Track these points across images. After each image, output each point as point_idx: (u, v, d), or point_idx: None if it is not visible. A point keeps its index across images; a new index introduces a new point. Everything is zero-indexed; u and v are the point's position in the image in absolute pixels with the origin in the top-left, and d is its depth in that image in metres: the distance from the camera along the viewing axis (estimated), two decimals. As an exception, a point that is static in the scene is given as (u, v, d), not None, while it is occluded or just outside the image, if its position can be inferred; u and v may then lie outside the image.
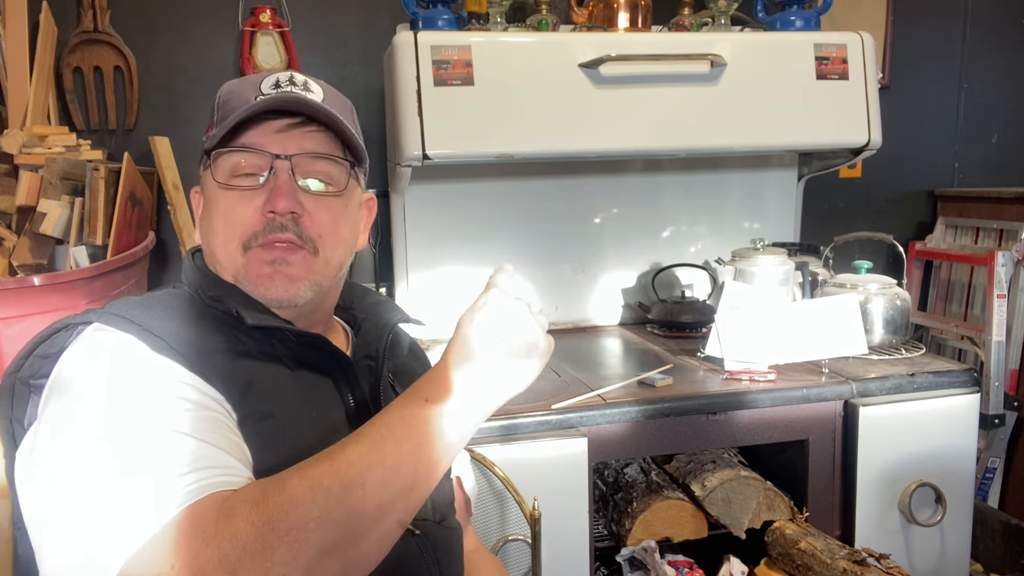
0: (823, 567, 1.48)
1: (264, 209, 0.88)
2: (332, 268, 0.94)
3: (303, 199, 0.90)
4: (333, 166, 0.93)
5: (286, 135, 0.90)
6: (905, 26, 2.73)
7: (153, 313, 0.84)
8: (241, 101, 0.90)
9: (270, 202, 0.88)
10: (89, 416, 0.72)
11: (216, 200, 0.91)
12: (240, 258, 0.89)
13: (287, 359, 0.89)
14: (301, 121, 0.91)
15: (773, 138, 2.04)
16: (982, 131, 2.88)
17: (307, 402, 0.88)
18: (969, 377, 1.78)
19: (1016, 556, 2.15)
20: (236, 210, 0.89)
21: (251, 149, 0.89)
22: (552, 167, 2.29)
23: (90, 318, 0.84)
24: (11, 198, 1.88)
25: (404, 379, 1.05)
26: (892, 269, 2.30)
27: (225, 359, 0.83)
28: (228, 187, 0.90)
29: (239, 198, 0.89)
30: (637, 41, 1.94)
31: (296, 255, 0.90)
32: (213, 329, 0.86)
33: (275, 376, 0.87)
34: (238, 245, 0.89)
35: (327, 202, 0.92)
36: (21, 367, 0.85)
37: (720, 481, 1.70)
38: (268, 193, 0.89)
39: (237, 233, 0.89)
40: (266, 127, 0.90)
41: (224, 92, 0.94)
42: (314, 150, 0.91)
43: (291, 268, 0.90)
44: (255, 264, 0.89)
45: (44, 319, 0.89)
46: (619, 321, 2.42)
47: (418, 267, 2.24)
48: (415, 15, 1.98)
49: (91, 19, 2.17)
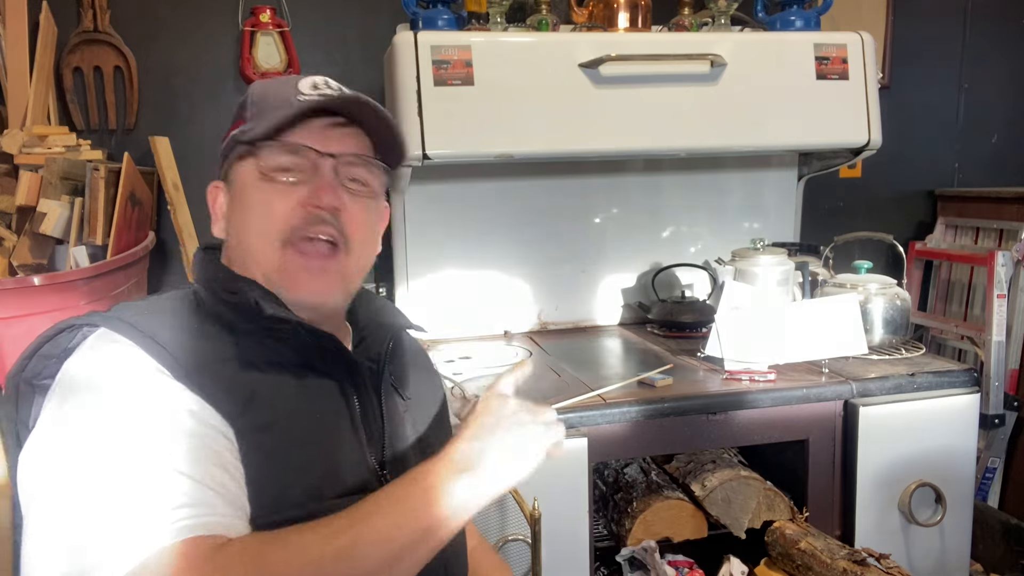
0: (823, 567, 1.48)
1: (308, 202, 0.89)
2: (361, 271, 0.97)
3: (344, 196, 0.91)
4: (371, 170, 0.95)
5: (330, 134, 0.92)
6: (905, 26, 2.73)
7: (157, 319, 0.84)
8: (280, 99, 0.91)
9: (315, 196, 0.89)
10: (86, 442, 0.73)
11: (252, 193, 0.91)
12: (276, 255, 0.89)
13: (292, 365, 0.88)
14: (344, 122, 0.93)
15: (773, 138, 2.04)
16: (982, 131, 2.88)
17: (312, 411, 0.88)
18: (969, 377, 1.78)
19: (1016, 556, 2.15)
20: (276, 202, 0.90)
21: (299, 146, 0.90)
22: (552, 167, 2.29)
23: (94, 320, 0.84)
24: (11, 198, 1.89)
25: (406, 380, 1.05)
26: (892, 269, 2.30)
27: (227, 368, 0.83)
28: (271, 180, 0.90)
29: (279, 191, 0.90)
30: (637, 41, 1.94)
31: (332, 262, 0.91)
32: (216, 336, 0.86)
33: (279, 385, 0.86)
34: (276, 239, 0.89)
35: (364, 202, 0.94)
36: (25, 367, 0.85)
37: (720, 481, 1.70)
38: (312, 188, 0.90)
39: (276, 227, 0.89)
40: (311, 125, 0.91)
41: (258, 89, 0.95)
42: (357, 151, 0.93)
43: (327, 275, 0.91)
44: (291, 268, 0.90)
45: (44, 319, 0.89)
46: (619, 321, 2.42)
47: (418, 267, 2.24)
48: (415, 15, 1.98)
49: (91, 19, 2.17)
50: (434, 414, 1.08)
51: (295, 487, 0.81)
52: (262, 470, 0.79)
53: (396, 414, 0.99)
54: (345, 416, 0.91)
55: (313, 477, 0.83)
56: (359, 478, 0.88)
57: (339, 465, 0.87)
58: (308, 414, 0.87)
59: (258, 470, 0.79)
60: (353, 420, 0.91)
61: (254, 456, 0.79)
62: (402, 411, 1.01)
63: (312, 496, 0.82)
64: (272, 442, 0.81)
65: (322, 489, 0.83)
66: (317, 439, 0.86)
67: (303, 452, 0.84)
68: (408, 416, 1.01)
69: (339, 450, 0.88)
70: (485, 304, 2.31)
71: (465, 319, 2.28)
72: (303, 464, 0.83)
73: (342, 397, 0.92)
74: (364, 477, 0.89)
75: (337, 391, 0.91)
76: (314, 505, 0.81)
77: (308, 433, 0.85)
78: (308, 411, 0.87)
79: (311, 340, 0.89)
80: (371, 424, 0.93)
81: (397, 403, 1.00)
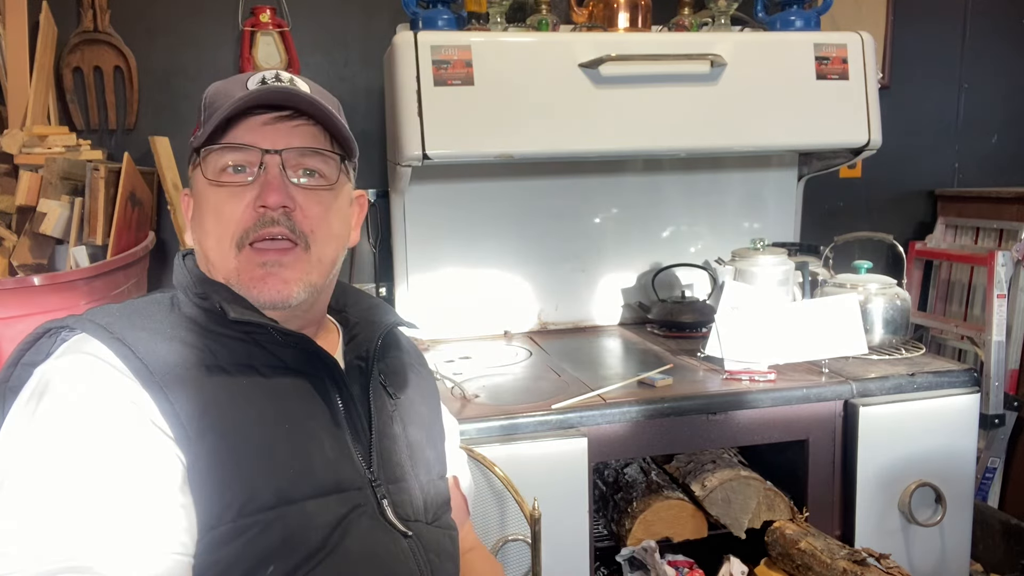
0: (823, 567, 1.48)
1: (255, 204, 0.88)
2: (325, 265, 0.94)
3: (294, 193, 0.90)
4: (323, 159, 0.93)
5: (275, 129, 0.90)
6: (905, 26, 2.73)
7: (131, 323, 0.85)
8: (227, 98, 0.89)
9: (261, 197, 0.88)
10: (18, 461, 0.74)
11: (206, 198, 0.90)
12: (233, 258, 0.89)
13: (263, 367, 0.88)
14: (289, 115, 0.91)
15: (773, 138, 2.04)
16: (982, 131, 2.88)
17: (282, 411, 0.87)
18: (969, 377, 1.78)
19: (1016, 556, 2.15)
20: (227, 207, 0.89)
21: (240, 146, 0.89)
22: (552, 167, 2.29)
23: (69, 323, 0.85)
24: (11, 198, 1.88)
25: (396, 379, 1.05)
26: (892, 269, 2.30)
27: (195, 373, 0.83)
28: (218, 184, 0.89)
29: (229, 195, 0.89)
30: (637, 41, 1.94)
31: (289, 256, 0.89)
32: (188, 341, 0.86)
33: (248, 387, 0.86)
34: (231, 243, 0.89)
35: (318, 195, 0.92)
36: (10, 377, 0.86)
37: (720, 481, 1.70)
38: (259, 188, 0.88)
39: (229, 231, 0.88)
40: (254, 121, 0.90)
41: (210, 92, 0.94)
42: (304, 144, 0.91)
43: (285, 270, 0.89)
44: (248, 266, 0.89)
45: (44, 319, 0.89)
46: (619, 321, 2.42)
47: (418, 267, 2.24)
48: (415, 15, 1.98)
49: (91, 19, 2.17)
50: (425, 414, 1.08)
51: (264, 490, 0.81)
52: (227, 474, 0.79)
53: (384, 412, 0.98)
54: (323, 415, 0.90)
55: (282, 479, 0.82)
56: (337, 477, 0.87)
57: (312, 465, 0.85)
58: (278, 415, 0.86)
59: (222, 475, 0.79)
60: (335, 418, 0.91)
61: (216, 461, 0.79)
62: (391, 410, 1.00)
63: (283, 499, 0.81)
64: (237, 446, 0.81)
65: (291, 492, 0.82)
66: (287, 440, 0.85)
67: (270, 454, 0.83)
68: (398, 415, 1.00)
69: (314, 450, 0.87)
70: (485, 304, 2.31)
71: (465, 319, 2.28)
72: (271, 466, 0.82)
73: (319, 396, 0.91)
74: (344, 476, 0.88)
75: (313, 391, 0.90)
76: (285, 508, 0.81)
77: (277, 434, 0.84)
78: (278, 412, 0.86)
79: (282, 340, 0.89)
80: (356, 422, 0.93)
81: (386, 402, 1.00)
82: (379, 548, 0.88)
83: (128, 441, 0.76)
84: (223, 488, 0.78)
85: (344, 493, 0.87)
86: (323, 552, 0.83)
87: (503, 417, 1.55)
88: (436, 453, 1.07)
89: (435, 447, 1.07)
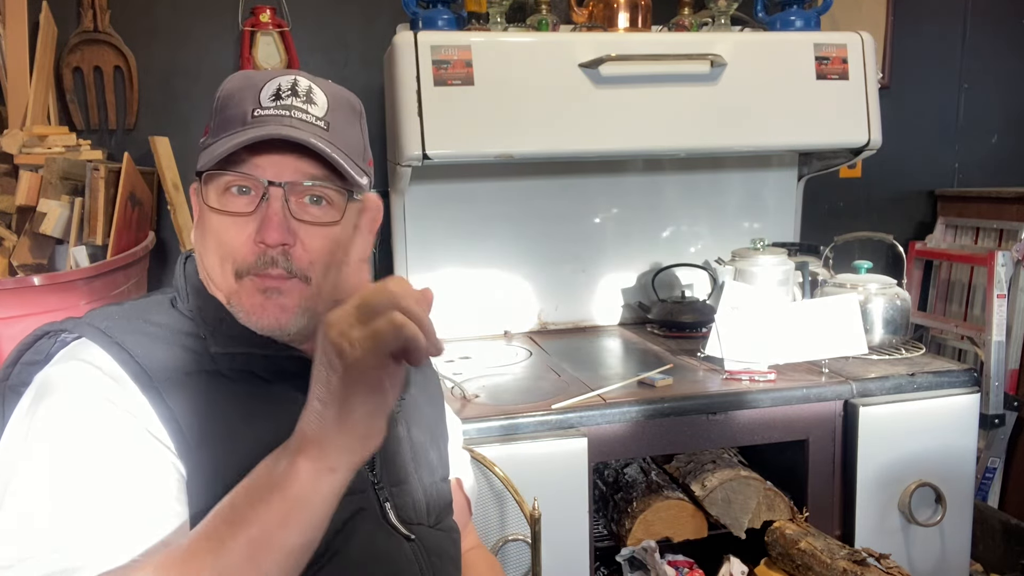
0: (823, 567, 1.48)
1: (256, 239, 0.86)
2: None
3: (296, 228, 0.87)
4: (330, 192, 0.89)
5: (282, 156, 0.87)
6: (905, 26, 2.73)
7: (130, 326, 0.85)
8: (238, 113, 0.87)
9: (260, 232, 0.85)
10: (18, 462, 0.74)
11: (209, 219, 0.89)
12: (234, 283, 0.88)
13: (263, 372, 0.88)
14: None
15: (773, 138, 2.04)
16: (982, 131, 2.88)
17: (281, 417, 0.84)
18: (969, 377, 1.78)
19: (1016, 556, 2.15)
20: (228, 234, 0.87)
21: (244, 174, 0.86)
22: (552, 167, 2.29)
23: (68, 327, 0.85)
24: (11, 198, 1.88)
25: None
26: (892, 269, 2.30)
27: (194, 379, 0.83)
28: (220, 211, 0.87)
29: (232, 223, 0.87)
30: (637, 41, 1.94)
31: (288, 284, 0.88)
32: (188, 345, 0.85)
33: (246, 393, 0.86)
34: (232, 271, 0.88)
35: (323, 231, 0.89)
36: (9, 375, 0.87)
37: (720, 481, 1.70)
38: (259, 222, 0.86)
39: (230, 259, 0.87)
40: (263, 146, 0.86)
41: (224, 95, 0.91)
42: (310, 175, 0.87)
43: (283, 298, 0.87)
44: (248, 292, 0.87)
45: (44, 319, 0.89)
46: (619, 321, 2.42)
47: (418, 267, 2.24)
48: (415, 15, 1.98)
49: (91, 19, 2.17)
50: (430, 414, 1.08)
51: None
52: (229, 482, 0.77)
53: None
54: None
55: None
56: None
57: None
58: (279, 420, 0.83)
59: (224, 483, 0.77)
60: None
61: (218, 470, 0.79)
62: (395, 411, 0.99)
63: None
64: (238, 453, 0.80)
65: None
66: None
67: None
68: (402, 416, 1.00)
69: None
70: (485, 304, 2.31)
71: (465, 319, 2.28)
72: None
73: None
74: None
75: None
76: None
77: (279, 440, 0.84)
78: (279, 417, 0.84)
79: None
80: None
81: None
82: (382, 551, 0.88)
83: (123, 449, 0.76)
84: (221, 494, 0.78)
85: (347, 496, 0.86)
86: (326, 556, 0.82)
87: (503, 417, 1.55)
88: (439, 455, 1.06)
89: (438, 449, 1.07)
